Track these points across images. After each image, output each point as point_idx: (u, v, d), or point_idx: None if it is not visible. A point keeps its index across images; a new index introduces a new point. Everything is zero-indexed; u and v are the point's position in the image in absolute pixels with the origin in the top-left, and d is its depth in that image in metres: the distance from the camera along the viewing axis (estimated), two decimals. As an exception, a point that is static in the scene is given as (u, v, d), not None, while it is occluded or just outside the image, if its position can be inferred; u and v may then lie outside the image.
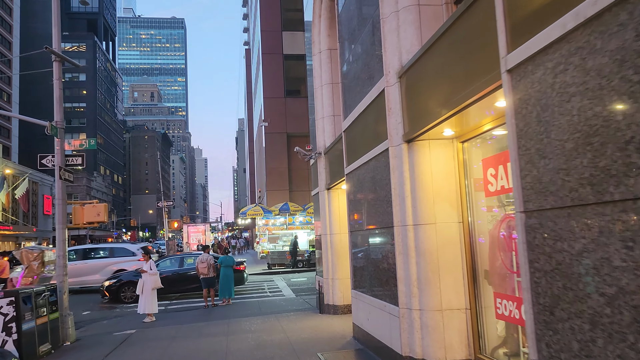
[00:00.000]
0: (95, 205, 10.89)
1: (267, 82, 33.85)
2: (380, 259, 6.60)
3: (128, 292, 16.35)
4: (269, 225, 26.86)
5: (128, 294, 16.34)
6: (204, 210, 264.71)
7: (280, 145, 32.93)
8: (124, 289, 16.55)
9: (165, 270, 16.87)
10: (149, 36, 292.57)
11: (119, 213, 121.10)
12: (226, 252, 14.87)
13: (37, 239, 71.82)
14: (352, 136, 8.07)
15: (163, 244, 50.76)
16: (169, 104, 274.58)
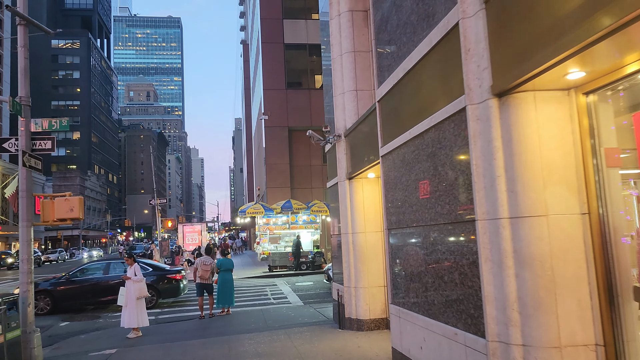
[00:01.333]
0: (68, 198, 8.98)
1: (267, 73, 31.95)
2: (447, 267, 4.72)
3: None
4: (270, 224, 24.97)
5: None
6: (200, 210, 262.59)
7: (281, 140, 31.05)
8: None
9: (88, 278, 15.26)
10: (145, 35, 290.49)
11: (113, 213, 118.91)
12: (225, 253, 12.97)
13: (28, 240, 69.72)
14: (393, 105, 6.19)
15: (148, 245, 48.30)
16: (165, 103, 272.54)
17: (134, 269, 10.10)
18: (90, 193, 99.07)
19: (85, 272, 15.60)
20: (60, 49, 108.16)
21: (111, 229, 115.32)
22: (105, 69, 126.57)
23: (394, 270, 6.38)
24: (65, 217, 9.03)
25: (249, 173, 63.88)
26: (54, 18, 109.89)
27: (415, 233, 5.54)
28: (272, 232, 24.86)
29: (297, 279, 21.96)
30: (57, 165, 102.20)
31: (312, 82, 32.87)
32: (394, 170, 6.19)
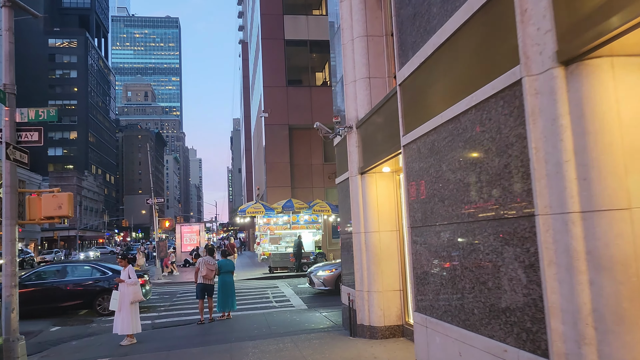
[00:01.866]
0: (57, 195, 8.26)
1: (267, 70, 31.23)
2: (492, 270, 4.01)
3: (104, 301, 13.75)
4: (271, 224, 24.24)
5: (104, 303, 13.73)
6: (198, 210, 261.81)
7: (282, 138, 30.33)
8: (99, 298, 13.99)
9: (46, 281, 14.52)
10: (143, 35, 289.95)
11: (111, 213, 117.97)
12: (226, 254, 12.24)
13: (24, 240, 68.93)
14: (419, 88, 5.49)
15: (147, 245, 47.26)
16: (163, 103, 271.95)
17: (128, 271, 9.38)
18: (87, 193, 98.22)
19: (40, 276, 14.77)
20: (57, 48, 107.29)
21: (108, 229, 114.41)
22: (103, 68, 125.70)
23: (418, 273, 5.67)
24: (53, 214, 8.31)
25: (248, 173, 63.18)
26: (51, 16, 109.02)
27: (447, 231, 4.83)
28: (273, 232, 24.13)
29: (299, 280, 21.24)
30: (54, 165, 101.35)
31: (313, 80, 32.20)
32: (420, 160, 5.49)
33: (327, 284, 15.51)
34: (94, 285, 14.29)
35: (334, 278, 15.26)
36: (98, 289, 14.20)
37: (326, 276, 15.57)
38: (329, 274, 15.50)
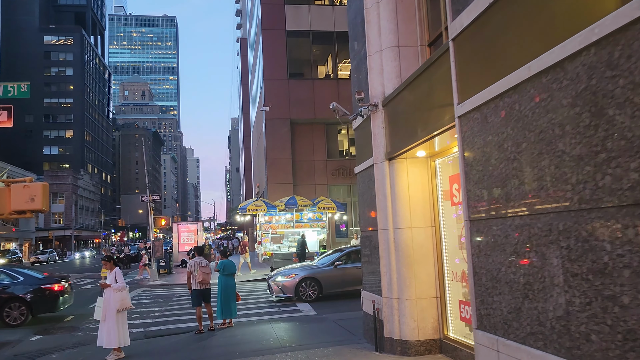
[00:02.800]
0: (29, 185, 6.98)
1: (268, 62, 29.92)
2: (628, 280, 2.72)
3: None
4: (273, 222, 22.95)
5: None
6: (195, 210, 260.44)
7: (283, 133, 29.02)
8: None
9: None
10: (140, 34, 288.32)
11: (107, 213, 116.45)
12: (226, 254, 10.95)
13: (17, 240, 67.50)
14: (487, 38, 4.21)
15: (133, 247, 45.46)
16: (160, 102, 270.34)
17: (115, 275, 8.09)
18: (83, 192, 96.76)
19: None
20: (53, 46, 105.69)
21: (105, 229, 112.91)
22: (99, 66, 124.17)
23: (483, 280, 4.39)
24: (24, 208, 7.03)
25: (247, 171, 61.90)
26: (46, 13, 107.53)
27: (538, 224, 3.54)
28: (275, 231, 22.84)
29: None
30: (49, 163, 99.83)
31: (315, 73, 30.93)
32: (486, 132, 4.21)
33: (287, 290, 13.98)
34: (0, 293, 12.62)
35: (294, 284, 13.93)
36: (5, 297, 12.54)
37: (285, 282, 14.05)
38: (288, 279, 14.07)
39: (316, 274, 14.13)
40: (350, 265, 14.31)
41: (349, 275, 13.98)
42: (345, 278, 14.03)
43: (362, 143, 8.19)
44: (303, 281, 14.00)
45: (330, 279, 14.06)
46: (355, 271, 14.05)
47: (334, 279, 14.11)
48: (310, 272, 14.25)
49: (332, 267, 14.22)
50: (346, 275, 14.06)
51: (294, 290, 13.89)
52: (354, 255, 14.70)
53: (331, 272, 14.17)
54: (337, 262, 14.31)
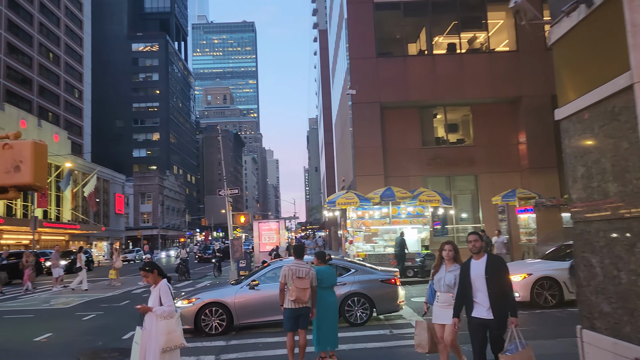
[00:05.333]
0: (12, 144, 4.27)
1: (354, 39, 26.71)
2: None
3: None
4: (366, 218, 19.70)
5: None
6: (276, 210, 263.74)
7: (371, 119, 25.68)
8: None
9: None
10: (221, 41, 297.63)
11: (192, 213, 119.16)
12: (324, 259, 7.81)
13: (108, 239, 69.34)
14: None
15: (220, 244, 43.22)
16: (241, 106, 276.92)
17: (159, 292, 5.19)
18: (169, 193, 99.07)
19: None
20: (140, 52, 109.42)
21: (190, 228, 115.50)
22: (183, 70, 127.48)
23: None
24: (5, 182, 4.26)
25: (328, 168, 59.21)
26: (133, 22, 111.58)
27: None
28: (368, 228, 19.59)
29: (406, 289, 16.57)
30: (138, 165, 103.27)
31: (405, 50, 27.34)
32: None
33: (184, 320, 9.79)
34: None
35: (192, 313, 10.20)
36: None
37: (183, 309, 10.19)
38: (186, 305, 10.34)
39: (225, 298, 10.31)
40: (275, 286, 10.12)
41: (272, 299, 9.80)
42: (266, 303, 10.19)
43: (579, 58, 4.65)
44: (206, 307, 10.24)
45: (245, 305, 10.30)
46: None
47: (249, 305, 10.33)
48: (217, 295, 10.53)
49: (246, 288, 10.43)
50: (268, 299, 10.14)
51: (192, 319, 10.19)
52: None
53: (246, 296, 10.39)
54: (254, 280, 10.54)
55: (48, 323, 12.69)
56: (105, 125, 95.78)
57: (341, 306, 10.17)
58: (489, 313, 5.22)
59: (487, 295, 5.25)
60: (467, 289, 5.44)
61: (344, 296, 10.34)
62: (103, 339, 10.46)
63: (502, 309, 5.21)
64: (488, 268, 5.33)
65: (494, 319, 5.20)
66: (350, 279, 10.72)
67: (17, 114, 47.69)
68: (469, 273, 5.44)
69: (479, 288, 5.32)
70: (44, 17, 65.55)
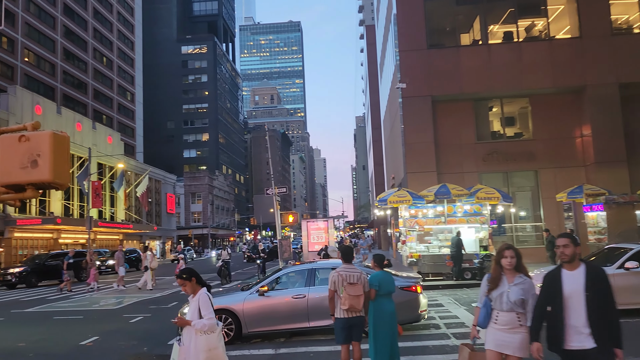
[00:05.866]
0: (29, 135, 3.73)
1: (403, 32, 25.65)
2: None
3: None
4: (419, 217, 18.69)
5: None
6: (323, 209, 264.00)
7: (423, 113, 24.58)
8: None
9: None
10: (267, 41, 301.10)
11: (241, 212, 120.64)
12: (383, 262, 6.96)
13: (160, 238, 70.91)
14: None
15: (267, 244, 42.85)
16: (288, 105, 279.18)
17: (198, 303, 4.56)
18: (218, 192, 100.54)
19: None
20: (189, 55, 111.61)
21: (239, 227, 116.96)
22: (230, 71, 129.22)
23: None
24: (21, 180, 3.72)
25: (377, 165, 58.12)
26: (182, 25, 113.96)
27: None
28: (422, 227, 18.57)
29: (464, 292, 15.54)
30: (188, 166, 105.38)
31: (458, 40, 26.06)
32: None
33: None
34: None
35: None
36: None
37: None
38: None
39: (233, 305, 9.65)
40: (284, 292, 9.88)
41: (283, 306, 9.59)
42: (277, 311, 9.61)
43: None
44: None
45: (254, 312, 9.59)
46: (293, 301, 9.61)
47: (259, 312, 9.61)
48: (225, 301, 9.82)
49: (256, 295, 9.76)
50: (279, 306, 9.62)
51: None
52: (296, 278, 10.26)
53: (255, 302, 9.68)
54: (263, 286, 9.84)
55: (96, 325, 12.50)
56: (156, 126, 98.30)
57: None
58: (588, 341, 4.05)
59: (587, 318, 4.07)
60: (557, 310, 4.18)
61: None
62: (148, 343, 10.06)
63: (607, 335, 4.06)
64: (590, 282, 4.13)
65: (596, 348, 4.02)
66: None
67: (73, 117, 49.25)
68: (561, 288, 4.22)
69: (574, 308, 4.13)
70: (97, 23, 67.65)
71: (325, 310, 9.38)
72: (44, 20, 55.47)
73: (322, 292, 9.38)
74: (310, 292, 9.65)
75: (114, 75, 71.87)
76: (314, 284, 9.83)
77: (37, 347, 10.00)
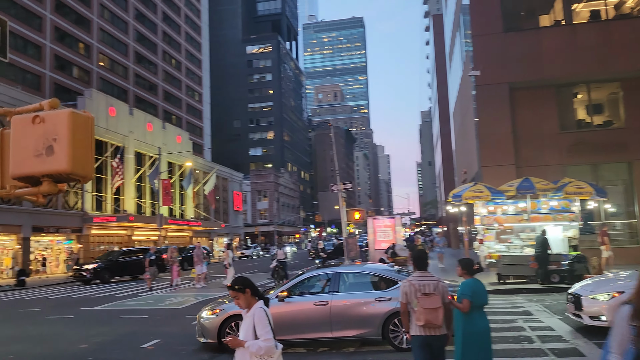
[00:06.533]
0: (44, 116, 3.03)
1: (477, 15, 23.96)
2: None
3: None
4: (498, 213, 17.14)
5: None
6: (388, 206, 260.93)
7: (499, 102, 22.84)
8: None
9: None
10: (330, 39, 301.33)
11: (306, 209, 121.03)
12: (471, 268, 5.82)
13: (228, 235, 72.17)
14: None
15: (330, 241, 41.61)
16: (351, 102, 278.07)
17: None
18: (283, 190, 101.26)
19: None
20: (253, 55, 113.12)
21: (304, 224, 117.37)
22: (294, 69, 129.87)
23: None
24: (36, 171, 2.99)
25: (445, 161, 55.93)
26: (247, 25, 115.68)
27: None
28: (502, 225, 17.02)
29: (553, 298, 13.95)
30: (255, 164, 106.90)
31: (538, 21, 24.03)
32: None
33: (207, 333, 9.05)
34: None
35: (216, 325, 8.93)
36: None
37: (206, 320, 9.16)
38: (209, 317, 9.17)
39: None
40: (306, 299, 8.95)
41: (303, 313, 8.69)
42: (296, 318, 8.71)
43: None
44: (230, 320, 8.88)
45: (274, 319, 8.17)
46: (314, 308, 8.62)
47: (277, 319, 8.02)
48: None
49: (275, 300, 8.73)
50: (299, 313, 8.73)
51: (216, 333, 8.88)
52: (320, 282, 9.35)
53: (274, 308, 8.11)
54: (281, 292, 8.99)
55: (159, 327, 12.14)
56: (223, 125, 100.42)
57: (384, 326, 8.52)
58: None
59: None
60: None
61: (388, 314, 8.53)
62: (210, 349, 9.45)
63: None
64: None
65: None
66: (396, 293, 8.48)
67: (144, 117, 50.81)
68: None
69: None
70: (166, 26, 69.68)
71: (350, 319, 8.53)
72: (117, 26, 57.65)
73: (347, 298, 8.70)
74: (333, 299, 8.75)
75: (183, 77, 73.83)
76: (338, 290, 8.97)
77: (98, 350, 9.67)
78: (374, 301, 8.69)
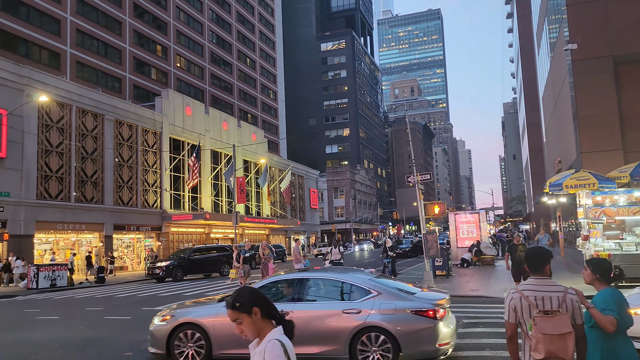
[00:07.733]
0: None
1: (572, -19, 21.03)
2: None
3: None
4: (606, 205, 14.51)
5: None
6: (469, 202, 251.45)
7: (601, 78, 19.84)
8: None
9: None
10: (406, 33, 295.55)
11: (383, 206, 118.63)
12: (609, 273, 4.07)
13: (305, 233, 71.76)
14: None
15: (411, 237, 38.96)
16: (429, 97, 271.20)
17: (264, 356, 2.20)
18: (359, 187, 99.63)
19: None
20: (328, 52, 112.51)
21: (382, 222, 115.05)
22: (369, 64, 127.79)
23: None
24: None
25: (533, 152, 51.69)
26: (321, 23, 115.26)
27: None
28: (612, 218, 14.39)
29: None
30: (331, 161, 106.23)
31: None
32: None
33: (155, 343, 8.06)
34: None
35: (165, 334, 7.90)
36: None
37: (155, 327, 8.15)
38: (159, 324, 8.13)
39: (202, 319, 7.78)
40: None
41: None
42: None
43: None
44: (181, 329, 7.84)
45: (227, 330, 7.38)
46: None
47: (233, 331, 5.76)
48: (194, 313, 7.96)
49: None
50: None
51: (164, 343, 7.91)
52: (288, 288, 7.93)
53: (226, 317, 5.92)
54: None
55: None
56: (298, 123, 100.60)
57: (352, 343, 7.07)
58: None
59: None
60: None
61: (356, 329, 7.11)
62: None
63: None
64: None
65: None
66: (368, 304, 7.18)
67: (220, 116, 51.27)
68: None
69: None
70: (240, 26, 70.42)
71: (312, 334, 6.98)
72: (192, 27, 58.81)
73: (311, 309, 7.37)
74: (295, 309, 7.16)
75: (257, 75, 74.36)
76: (302, 299, 7.55)
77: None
78: (340, 313, 7.16)
